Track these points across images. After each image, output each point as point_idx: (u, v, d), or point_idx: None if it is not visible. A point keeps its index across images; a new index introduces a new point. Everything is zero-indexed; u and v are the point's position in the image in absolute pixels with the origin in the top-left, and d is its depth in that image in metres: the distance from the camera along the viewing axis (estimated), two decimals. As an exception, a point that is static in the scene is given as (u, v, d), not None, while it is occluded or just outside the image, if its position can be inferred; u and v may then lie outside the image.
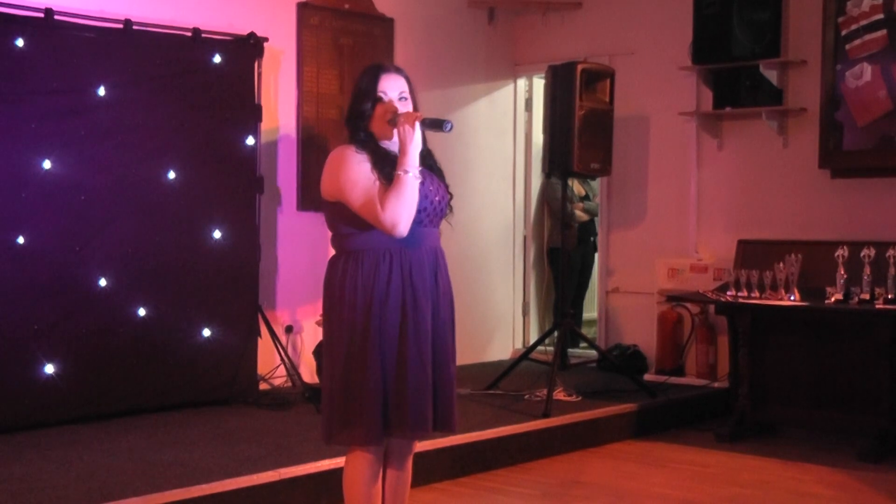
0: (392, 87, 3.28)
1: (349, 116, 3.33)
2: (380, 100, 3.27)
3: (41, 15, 5.35)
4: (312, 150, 6.80)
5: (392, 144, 3.30)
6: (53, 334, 5.39)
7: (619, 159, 7.12)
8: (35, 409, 5.31)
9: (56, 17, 5.38)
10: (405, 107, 3.30)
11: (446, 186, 3.44)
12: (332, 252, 3.42)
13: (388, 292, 3.21)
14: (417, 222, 3.23)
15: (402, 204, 3.14)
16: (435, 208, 3.31)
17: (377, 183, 3.18)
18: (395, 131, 3.23)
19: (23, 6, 5.32)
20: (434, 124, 3.23)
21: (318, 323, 6.38)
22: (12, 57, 5.26)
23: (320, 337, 6.64)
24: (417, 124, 3.20)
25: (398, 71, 3.33)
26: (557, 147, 6.53)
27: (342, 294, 3.26)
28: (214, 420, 5.59)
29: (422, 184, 3.22)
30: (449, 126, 3.22)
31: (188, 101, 5.87)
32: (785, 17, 6.88)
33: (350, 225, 3.25)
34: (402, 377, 3.22)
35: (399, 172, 3.16)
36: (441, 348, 3.32)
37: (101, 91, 5.54)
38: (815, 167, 6.79)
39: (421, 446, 5.03)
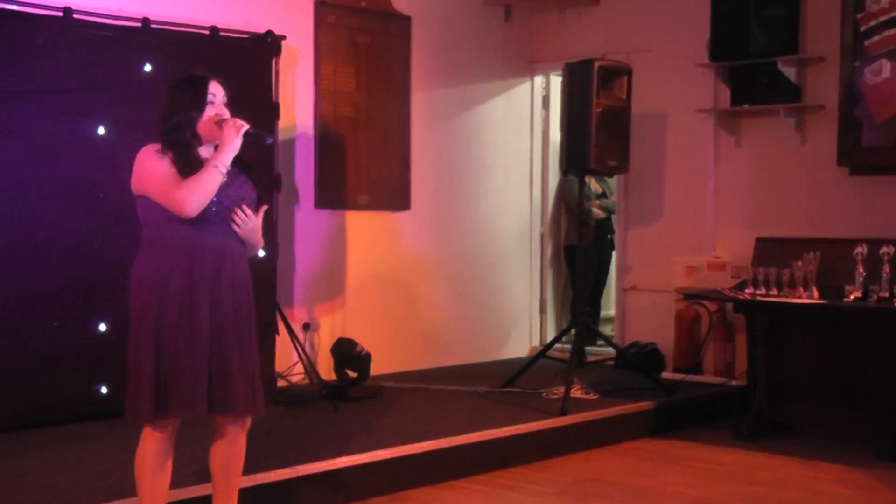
0: (219, 92, 3.61)
1: (176, 116, 3.55)
2: (210, 102, 3.57)
3: (60, 13, 5.38)
4: (329, 148, 6.82)
5: (206, 151, 3.58)
6: (58, 333, 5.38)
7: (636, 157, 7.11)
8: (41, 407, 5.30)
9: (75, 15, 5.42)
10: (225, 113, 3.60)
11: (254, 194, 3.72)
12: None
13: (168, 281, 3.51)
14: (205, 220, 3.51)
15: (199, 187, 3.44)
16: (227, 210, 3.57)
17: (176, 175, 3.48)
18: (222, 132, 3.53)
19: (42, 5, 5.36)
20: (257, 135, 3.56)
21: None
22: (31, 55, 5.29)
23: (338, 335, 6.69)
24: (242, 131, 3.53)
25: (219, 81, 3.64)
26: (574, 144, 6.52)
27: (138, 281, 3.59)
28: (232, 417, 5.59)
29: (223, 185, 3.50)
30: (270, 140, 3.60)
31: (206, 100, 5.89)
32: (802, 13, 6.86)
33: (149, 218, 3.57)
34: (176, 361, 3.50)
35: (209, 164, 3.47)
36: (222, 339, 3.56)
37: (119, 89, 5.55)
38: (834, 164, 6.76)
39: (437, 444, 5.07)
